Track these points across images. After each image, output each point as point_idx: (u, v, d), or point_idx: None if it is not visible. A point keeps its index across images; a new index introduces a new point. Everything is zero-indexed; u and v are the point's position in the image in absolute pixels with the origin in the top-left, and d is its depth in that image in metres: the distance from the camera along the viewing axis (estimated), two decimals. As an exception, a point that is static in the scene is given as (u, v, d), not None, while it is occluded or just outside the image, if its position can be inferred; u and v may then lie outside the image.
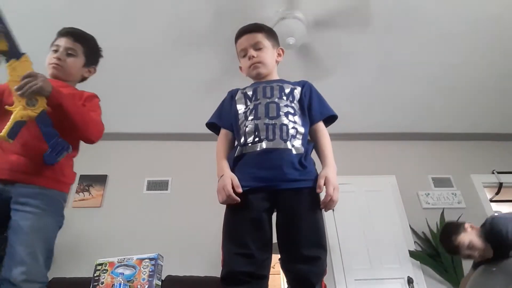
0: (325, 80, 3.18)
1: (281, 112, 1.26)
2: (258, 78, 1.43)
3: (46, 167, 1.23)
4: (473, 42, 2.95)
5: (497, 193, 3.92)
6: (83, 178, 3.64)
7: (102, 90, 1.62)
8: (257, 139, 1.22)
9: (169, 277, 2.70)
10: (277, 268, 1.90)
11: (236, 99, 1.38)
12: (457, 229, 2.03)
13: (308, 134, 1.32)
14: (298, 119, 1.29)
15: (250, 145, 1.23)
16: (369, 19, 2.73)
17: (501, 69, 3.26)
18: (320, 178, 1.18)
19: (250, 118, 1.28)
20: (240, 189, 1.15)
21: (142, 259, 1.78)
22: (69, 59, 1.45)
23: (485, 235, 1.95)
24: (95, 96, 1.50)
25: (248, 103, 1.34)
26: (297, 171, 1.18)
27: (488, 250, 1.95)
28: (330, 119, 1.38)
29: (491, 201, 3.87)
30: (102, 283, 1.75)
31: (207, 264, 2.97)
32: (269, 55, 1.42)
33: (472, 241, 1.96)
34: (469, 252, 1.97)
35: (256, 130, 1.24)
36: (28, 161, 1.22)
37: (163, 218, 3.49)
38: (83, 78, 1.57)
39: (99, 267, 1.81)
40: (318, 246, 1.12)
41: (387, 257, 3.35)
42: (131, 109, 3.58)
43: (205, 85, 3.29)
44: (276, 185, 1.16)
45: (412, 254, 3.33)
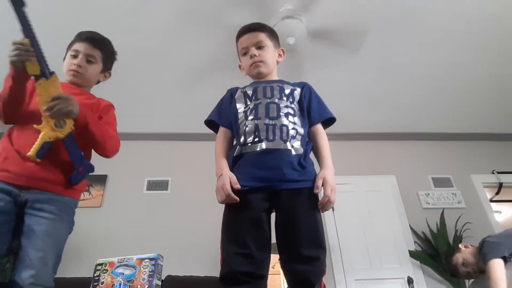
0: (325, 80, 3.18)
1: (281, 113, 1.26)
2: (259, 77, 1.42)
3: (61, 175, 1.27)
4: (473, 42, 2.95)
5: (497, 193, 3.92)
6: (83, 178, 3.64)
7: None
8: (257, 139, 1.22)
9: (169, 277, 2.70)
10: (277, 268, 1.90)
11: (236, 97, 1.38)
12: (452, 251, 2.23)
13: (307, 135, 1.32)
14: (298, 120, 1.29)
15: (249, 145, 1.23)
16: (366, 35, 2.82)
17: (501, 69, 3.26)
18: (318, 179, 1.19)
19: (250, 117, 1.27)
20: (238, 186, 1.15)
21: (142, 259, 1.78)
22: (88, 66, 1.44)
23: (479, 253, 2.05)
24: (112, 106, 1.52)
25: (248, 102, 1.33)
26: (297, 171, 1.18)
27: (482, 266, 2.03)
28: (328, 121, 1.38)
29: (491, 201, 3.87)
30: (102, 283, 1.75)
31: (207, 264, 2.97)
32: (271, 54, 1.42)
33: (465, 258, 2.11)
34: (465, 269, 2.11)
35: (256, 130, 1.24)
36: (44, 169, 1.24)
37: (163, 218, 3.49)
38: (97, 82, 1.57)
39: (99, 267, 1.81)
40: (317, 246, 1.12)
41: (387, 257, 3.34)
42: (131, 109, 3.57)
43: (206, 85, 3.28)
44: (276, 185, 1.17)
45: (412, 254, 3.33)
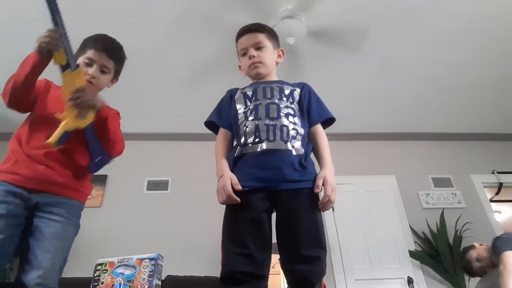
0: (325, 80, 3.18)
1: (281, 113, 1.26)
2: (257, 78, 1.42)
3: (70, 179, 1.30)
4: (473, 42, 2.95)
5: (497, 193, 3.92)
6: (83, 178, 3.64)
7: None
8: (257, 140, 1.22)
9: (169, 277, 2.70)
10: (277, 268, 1.90)
11: (236, 98, 1.38)
12: (467, 248, 2.39)
13: (307, 136, 1.32)
14: (298, 120, 1.29)
15: (250, 145, 1.23)
16: (366, 35, 2.82)
17: (501, 69, 3.26)
18: (318, 178, 1.19)
19: (251, 118, 1.28)
20: (239, 187, 1.16)
21: (142, 259, 1.78)
22: (102, 76, 1.45)
23: (492, 249, 2.18)
24: (118, 115, 1.55)
25: (248, 103, 1.33)
26: (297, 172, 1.18)
27: (495, 261, 2.13)
28: (328, 121, 1.38)
29: (491, 201, 3.87)
30: (102, 283, 1.75)
31: (207, 264, 2.97)
32: (270, 55, 1.42)
33: (479, 254, 2.26)
34: (479, 264, 2.25)
35: (256, 130, 1.24)
36: (54, 172, 1.26)
37: (163, 218, 3.49)
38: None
39: (99, 267, 1.81)
40: (318, 246, 1.12)
41: (387, 257, 3.35)
42: (131, 109, 3.56)
43: (205, 85, 3.28)
44: (276, 186, 1.17)
45: (412, 254, 3.33)
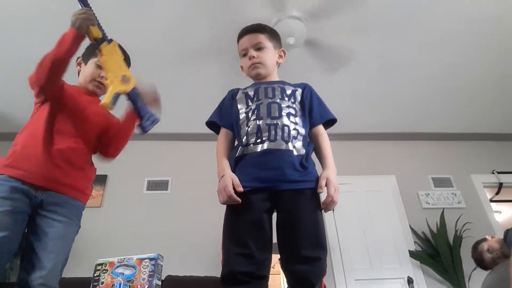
0: (325, 80, 3.18)
1: (283, 113, 1.26)
2: (258, 78, 1.43)
3: (77, 179, 1.33)
4: (473, 42, 2.95)
5: (497, 193, 3.92)
6: (83, 178, 3.64)
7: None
8: (259, 140, 1.22)
9: (169, 277, 2.70)
10: (277, 268, 1.89)
11: (237, 98, 1.38)
12: (479, 241, 2.43)
13: (308, 136, 1.33)
14: (299, 120, 1.29)
15: (251, 145, 1.23)
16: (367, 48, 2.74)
17: (501, 69, 3.26)
18: (321, 179, 1.19)
19: (252, 118, 1.28)
20: (241, 188, 1.15)
21: (142, 259, 1.78)
22: None
23: (504, 241, 2.27)
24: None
25: (250, 103, 1.34)
26: (298, 172, 1.18)
27: (506, 252, 2.19)
28: (329, 122, 1.38)
29: (491, 201, 3.88)
30: (102, 283, 1.75)
31: (207, 264, 2.97)
32: (270, 56, 1.42)
33: (490, 245, 2.33)
34: (490, 255, 2.30)
35: (258, 131, 1.24)
36: (64, 172, 1.28)
37: (163, 218, 3.49)
38: None
39: (99, 267, 1.81)
40: (318, 247, 1.12)
41: (387, 257, 3.35)
42: (131, 109, 3.57)
43: (205, 85, 3.29)
44: (277, 186, 1.16)
45: (412, 254, 3.33)
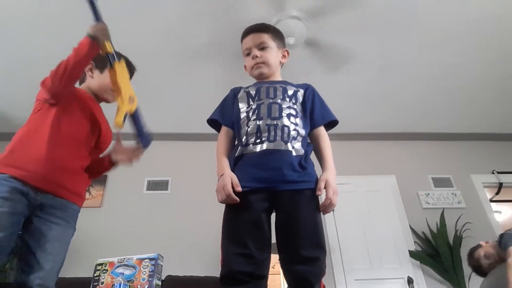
0: (325, 80, 3.18)
1: (283, 113, 1.26)
2: (261, 78, 1.43)
3: (77, 184, 1.35)
4: (473, 42, 2.95)
5: (497, 193, 3.92)
6: (83, 178, 3.65)
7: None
8: (258, 140, 1.22)
9: (169, 277, 2.70)
10: (277, 268, 1.90)
11: (239, 97, 1.38)
12: (474, 248, 2.42)
13: (309, 137, 1.33)
14: (300, 121, 1.29)
15: (251, 145, 1.23)
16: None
17: (501, 69, 3.26)
18: (320, 181, 1.19)
19: (253, 118, 1.28)
20: (240, 188, 1.15)
21: (142, 259, 1.78)
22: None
23: (499, 245, 2.24)
24: None
25: (251, 102, 1.33)
26: (297, 172, 1.18)
27: (502, 255, 2.17)
28: (331, 124, 1.38)
29: (491, 201, 3.87)
30: (102, 283, 1.75)
31: (207, 264, 2.97)
32: (273, 55, 1.42)
33: (486, 251, 2.32)
34: (487, 261, 2.29)
35: (258, 131, 1.24)
36: (63, 176, 1.28)
37: (163, 218, 3.49)
38: None
39: (99, 267, 1.81)
40: (317, 247, 1.12)
41: (387, 257, 3.34)
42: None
43: (205, 85, 3.29)
44: (276, 186, 1.16)
45: (412, 254, 3.33)
